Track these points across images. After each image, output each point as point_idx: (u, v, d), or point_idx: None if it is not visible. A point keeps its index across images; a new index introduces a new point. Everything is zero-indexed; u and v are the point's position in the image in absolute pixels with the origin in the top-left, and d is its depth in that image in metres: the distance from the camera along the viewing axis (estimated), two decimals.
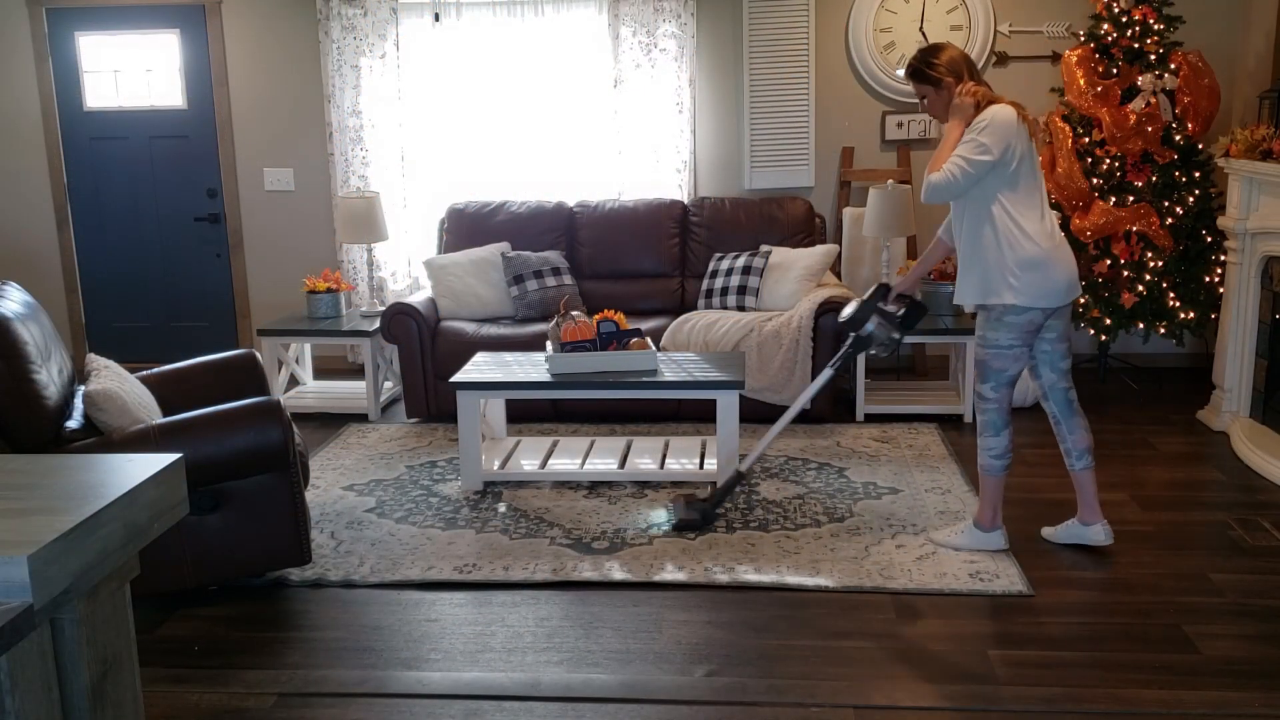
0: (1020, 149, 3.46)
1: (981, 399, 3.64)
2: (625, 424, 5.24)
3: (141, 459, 1.65)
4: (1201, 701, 2.79)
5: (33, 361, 3.19)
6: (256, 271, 6.54)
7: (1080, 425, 3.71)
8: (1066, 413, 3.70)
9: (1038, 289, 3.45)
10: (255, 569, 3.52)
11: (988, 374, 3.59)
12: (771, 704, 2.83)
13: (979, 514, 3.74)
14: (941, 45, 3.68)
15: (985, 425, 3.66)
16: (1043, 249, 3.45)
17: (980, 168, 3.42)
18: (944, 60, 3.59)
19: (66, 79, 6.39)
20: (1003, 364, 3.56)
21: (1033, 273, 3.44)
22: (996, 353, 3.56)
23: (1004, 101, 3.53)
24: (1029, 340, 3.55)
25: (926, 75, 3.60)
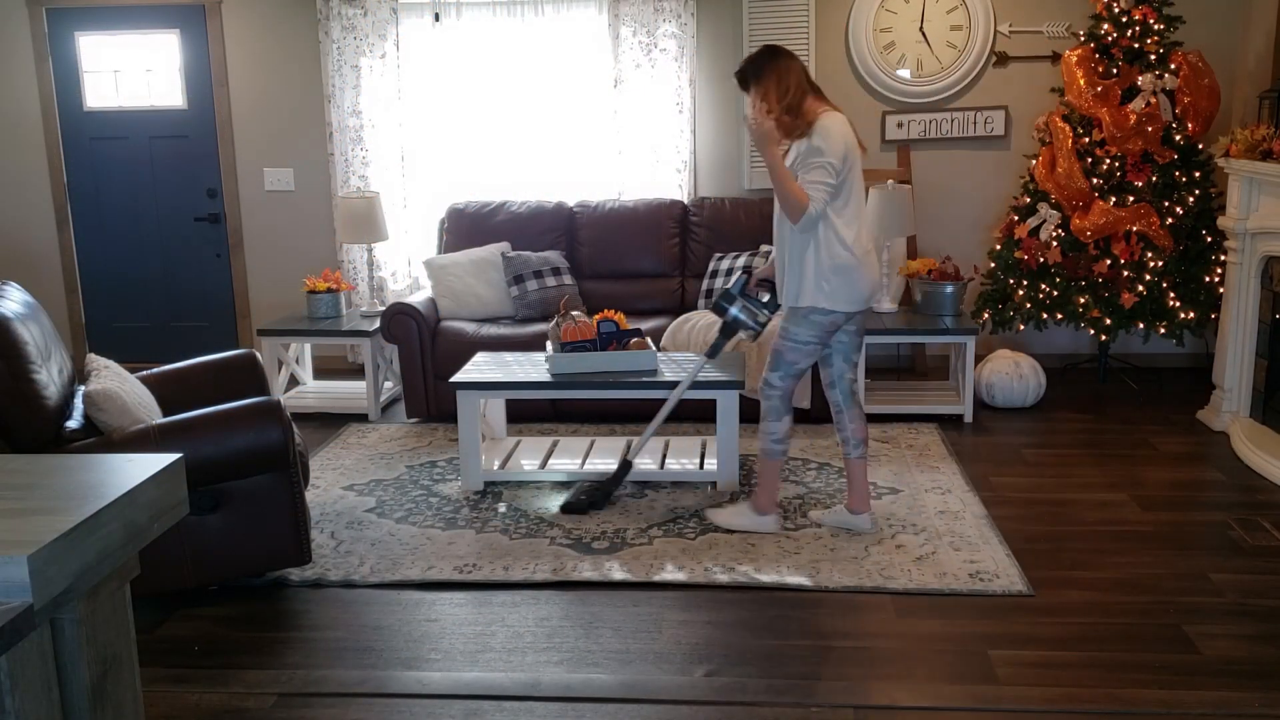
0: (851, 159, 3.58)
1: (768, 385, 3.79)
2: (625, 424, 5.24)
3: (141, 459, 1.65)
4: (1201, 701, 2.79)
5: (33, 361, 3.19)
6: (256, 271, 6.54)
7: (858, 415, 3.87)
8: (848, 403, 3.85)
9: (844, 295, 3.62)
10: (255, 569, 3.52)
11: (780, 364, 3.75)
12: (771, 704, 2.83)
13: (756, 498, 3.90)
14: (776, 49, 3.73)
15: (769, 411, 3.81)
16: (855, 257, 3.61)
17: (835, 185, 3.52)
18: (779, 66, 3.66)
19: (66, 79, 6.39)
20: (796, 358, 3.73)
21: (842, 278, 3.61)
22: (794, 346, 3.72)
23: (831, 108, 3.64)
24: (827, 339, 3.74)
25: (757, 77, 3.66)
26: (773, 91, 3.63)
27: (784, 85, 3.62)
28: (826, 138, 3.53)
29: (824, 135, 3.53)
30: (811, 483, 4.41)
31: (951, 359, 5.68)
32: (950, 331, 5.30)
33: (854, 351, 3.82)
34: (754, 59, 3.71)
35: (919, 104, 6.06)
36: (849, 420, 3.85)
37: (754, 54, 3.74)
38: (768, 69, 3.65)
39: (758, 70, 3.67)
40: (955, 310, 5.43)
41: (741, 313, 3.91)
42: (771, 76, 3.64)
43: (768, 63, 3.66)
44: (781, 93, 3.61)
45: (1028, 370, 5.42)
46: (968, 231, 6.15)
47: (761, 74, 3.66)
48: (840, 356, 3.81)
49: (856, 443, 3.86)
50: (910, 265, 5.62)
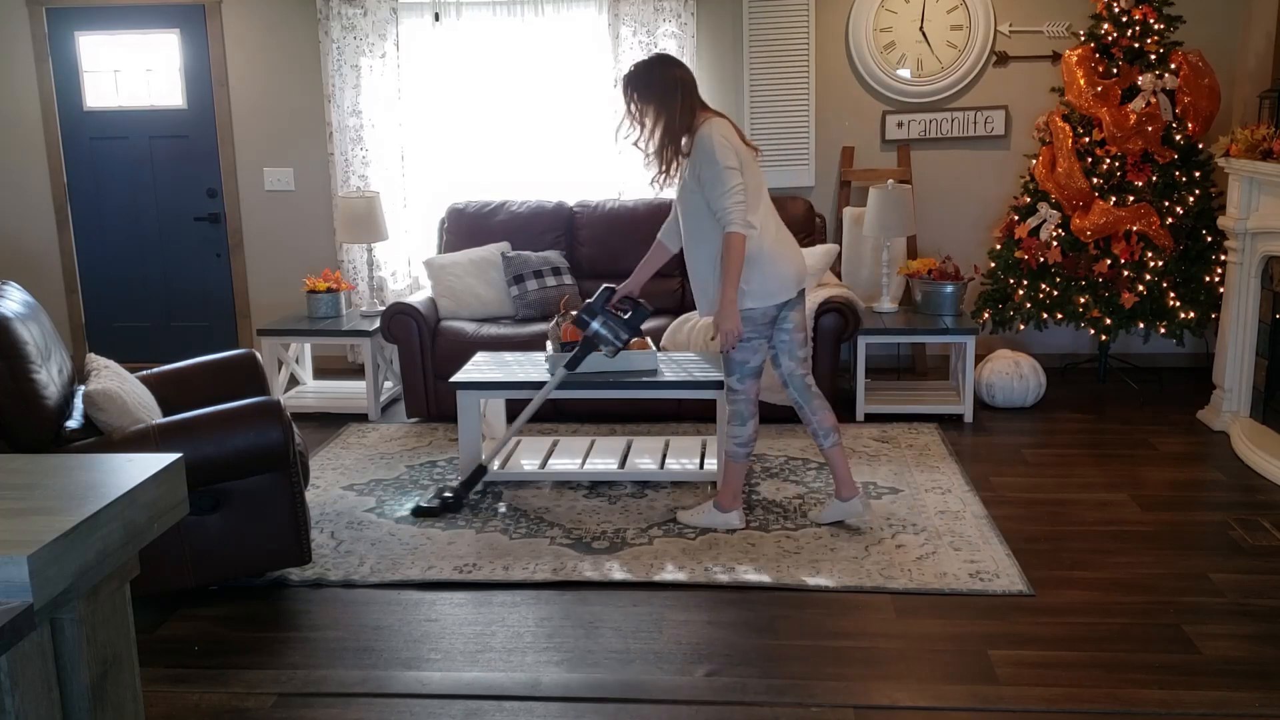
0: (741, 155, 3.57)
1: (731, 391, 3.83)
2: (625, 424, 5.24)
3: (141, 459, 1.65)
4: (1201, 701, 2.79)
5: (33, 361, 3.19)
6: (256, 271, 6.54)
7: (821, 406, 3.89)
8: (806, 397, 3.87)
9: (765, 287, 3.63)
10: (255, 569, 3.52)
11: (732, 367, 3.78)
12: (771, 704, 2.83)
13: (720, 495, 3.95)
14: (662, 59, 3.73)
15: (733, 415, 3.85)
16: (764, 246, 3.60)
17: (741, 189, 3.51)
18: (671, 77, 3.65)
19: (66, 79, 6.39)
20: (744, 356, 3.74)
21: (757, 271, 3.60)
22: (738, 346, 3.71)
23: (709, 113, 3.65)
24: (766, 332, 3.74)
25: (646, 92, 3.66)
26: (655, 113, 3.61)
27: (669, 106, 3.59)
28: (714, 145, 3.50)
29: (709, 144, 3.51)
30: (811, 482, 4.41)
31: (951, 359, 5.68)
32: (950, 331, 5.30)
33: (798, 348, 3.83)
34: (642, 73, 3.66)
35: (919, 104, 6.06)
36: (812, 414, 3.87)
37: (641, 67, 3.69)
38: (654, 87, 3.61)
39: (645, 87, 3.62)
40: (955, 310, 5.43)
41: (602, 328, 3.97)
42: (657, 97, 3.60)
43: (657, 80, 3.62)
44: (668, 115, 3.59)
45: (1028, 370, 5.42)
46: (968, 231, 6.15)
47: (650, 92, 3.61)
48: (785, 355, 3.83)
49: (826, 432, 3.87)
50: (910, 265, 5.62)
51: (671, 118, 3.60)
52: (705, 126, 3.58)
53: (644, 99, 3.63)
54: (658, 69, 3.67)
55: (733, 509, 3.93)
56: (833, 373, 5.12)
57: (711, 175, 3.52)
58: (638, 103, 3.65)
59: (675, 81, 3.63)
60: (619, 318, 3.99)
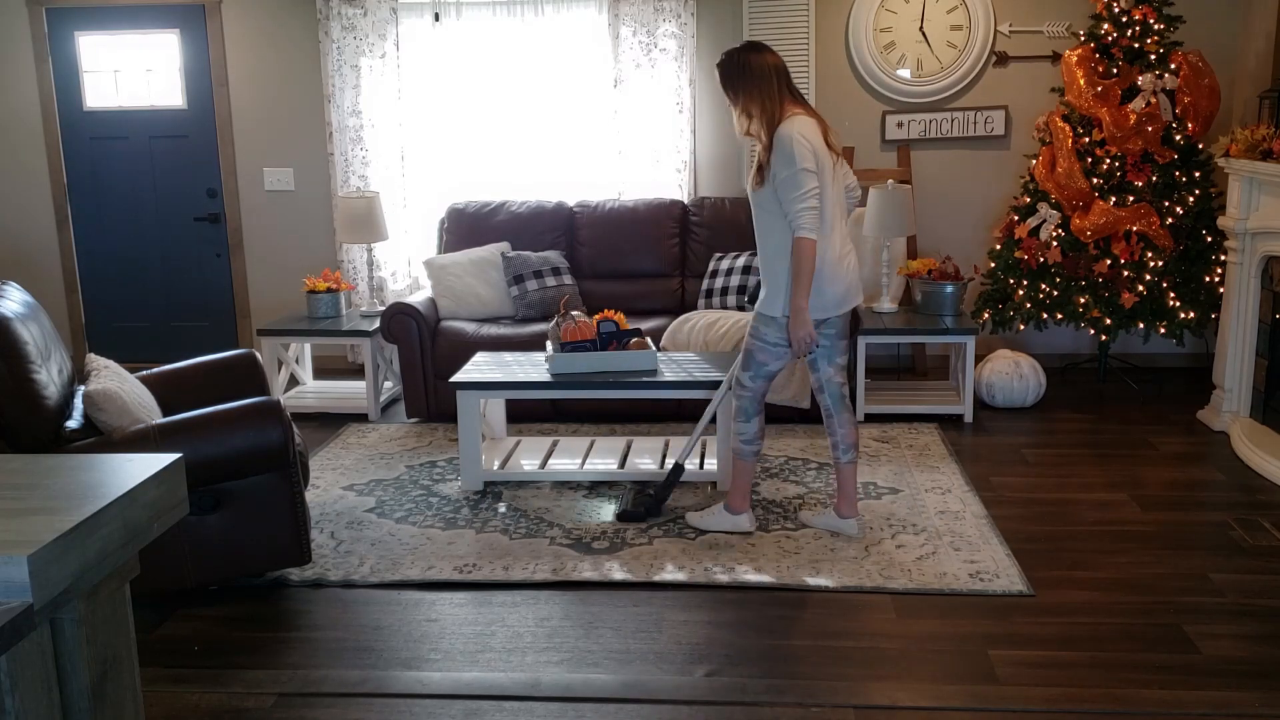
0: (821, 164, 3.51)
1: (740, 386, 3.79)
2: (625, 424, 5.24)
3: (141, 459, 1.65)
4: (1201, 701, 2.79)
5: (33, 361, 3.19)
6: (256, 271, 6.54)
7: (850, 420, 3.84)
8: (838, 407, 3.82)
9: (812, 303, 3.56)
10: (255, 569, 3.52)
11: (751, 364, 3.74)
12: (771, 704, 2.83)
13: (729, 497, 3.90)
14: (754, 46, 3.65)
15: (739, 411, 3.82)
16: (823, 265, 3.55)
17: (816, 194, 3.46)
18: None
19: (66, 79, 6.39)
20: (766, 358, 3.72)
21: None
22: (763, 346, 3.70)
23: (796, 108, 3.56)
24: (815, 341, 3.66)
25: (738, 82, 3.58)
26: (755, 103, 3.55)
27: (768, 93, 3.53)
28: (794, 146, 3.43)
29: (789, 144, 3.44)
30: (811, 483, 4.41)
31: (951, 359, 5.68)
32: (950, 331, 5.30)
33: (838, 355, 3.76)
34: (735, 61, 3.59)
35: (919, 104, 6.06)
36: (839, 425, 3.81)
37: (735, 53, 3.61)
38: (752, 76, 3.55)
39: (740, 78, 3.57)
40: (955, 310, 5.43)
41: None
42: (755, 84, 3.54)
43: (751, 67, 3.56)
44: (766, 104, 3.53)
45: (1028, 370, 5.42)
46: (968, 231, 6.15)
47: (744, 82, 3.56)
48: (824, 360, 3.76)
49: (847, 447, 3.82)
50: (910, 265, 5.62)
51: (771, 107, 3.52)
52: (788, 124, 3.47)
53: (745, 89, 3.55)
54: (751, 56, 3.57)
55: (743, 511, 3.88)
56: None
57: (787, 176, 3.44)
58: (740, 94, 3.56)
59: (770, 69, 3.55)
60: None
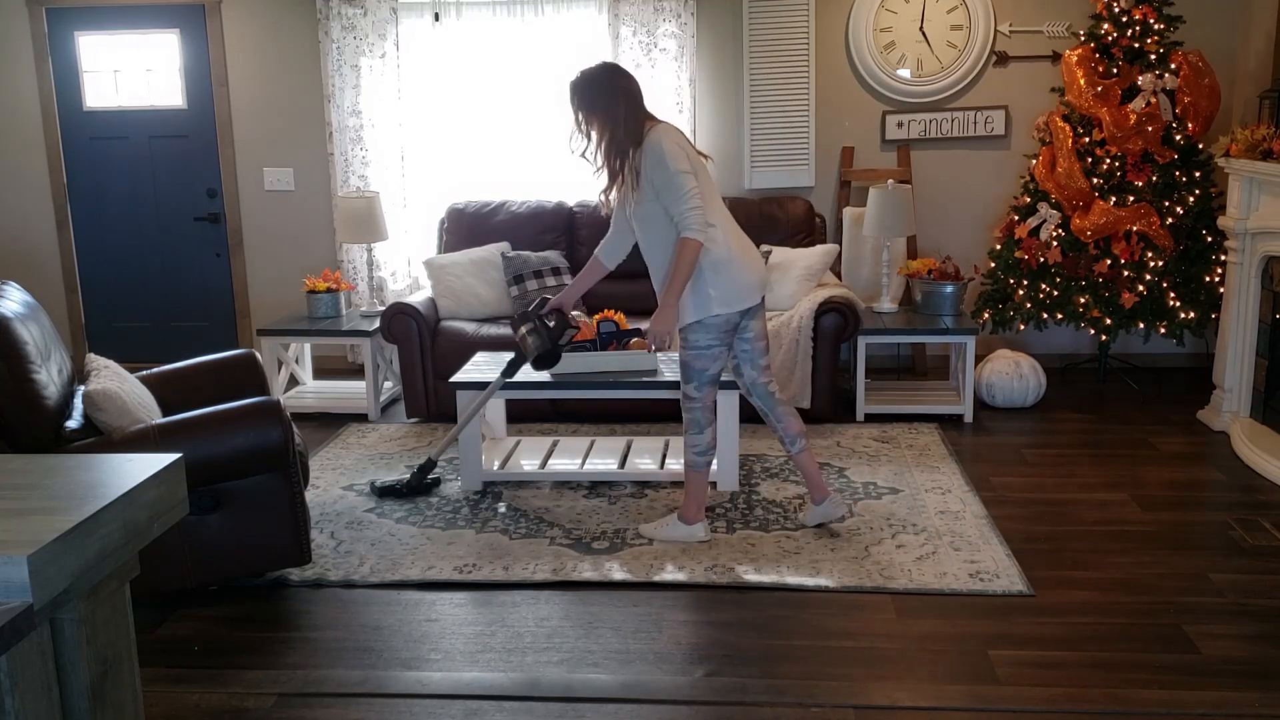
0: (694, 161, 3.56)
1: (687, 398, 3.77)
2: (625, 424, 5.24)
3: (141, 459, 1.65)
4: (1201, 701, 2.79)
5: (33, 361, 3.19)
6: (256, 271, 6.54)
7: (786, 413, 3.85)
8: (771, 404, 3.84)
9: (731, 293, 3.59)
10: (255, 569, 3.52)
11: (691, 374, 3.73)
12: (771, 704, 2.83)
13: (684, 508, 3.87)
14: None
15: (690, 423, 3.79)
16: (729, 252, 3.58)
17: (697, 193, 3.48)
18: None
19: (66, 79, 6.39)
20: (704, 364, 3.70)
21: (723, 274, 3.58)
22: (698, 353, 3.69)
23: (656, 122, 3.61)
24: (727, 340, 3.70)
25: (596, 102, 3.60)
26: (600, 123, 3.57)
27: (613, 115, 3.54)
28: (664, 151, 3.47)
29: (659, 150, 3.47)
30: None
31: (951, 359, 5.68)
32: (950, 331, 5.30)
33: (759, 356, 3.80)
34: (589, 81, 3.61)
35: (919, 104, 6.06)
36: (778, 420, 3.84)
37: (586, 75, 3.63)
38: (601, 96, 3.56)
39: (589, 97, 3.58)
40: (955, 310, 5.43)
41: (530, 335, 3.97)
42: (602, 106, 3.56)
43: (603, 88, 3.57)
44: (612, 125, 3.54)
45: (1028, 370, 5.42)
46: (968, 231, 6.15)
47: (595, 102, 3.57)
48: (747, 364, 3.80)
49: (793, 438, 3.84)
50: (910, 265, 5.62)
51: (616, 128, 3.54)
52: (653, 134, 3.53)
53: (589, 109, 3.59)
54: (603, 79, 3.61)
55: (697, 521, 3.85)
56: (833, 373, 5.12)
57: (665, 180, 3.48)
58: (583, 113, 3.60)
59: (620, 91, 3.58)
60: (547, 327, 3.98)
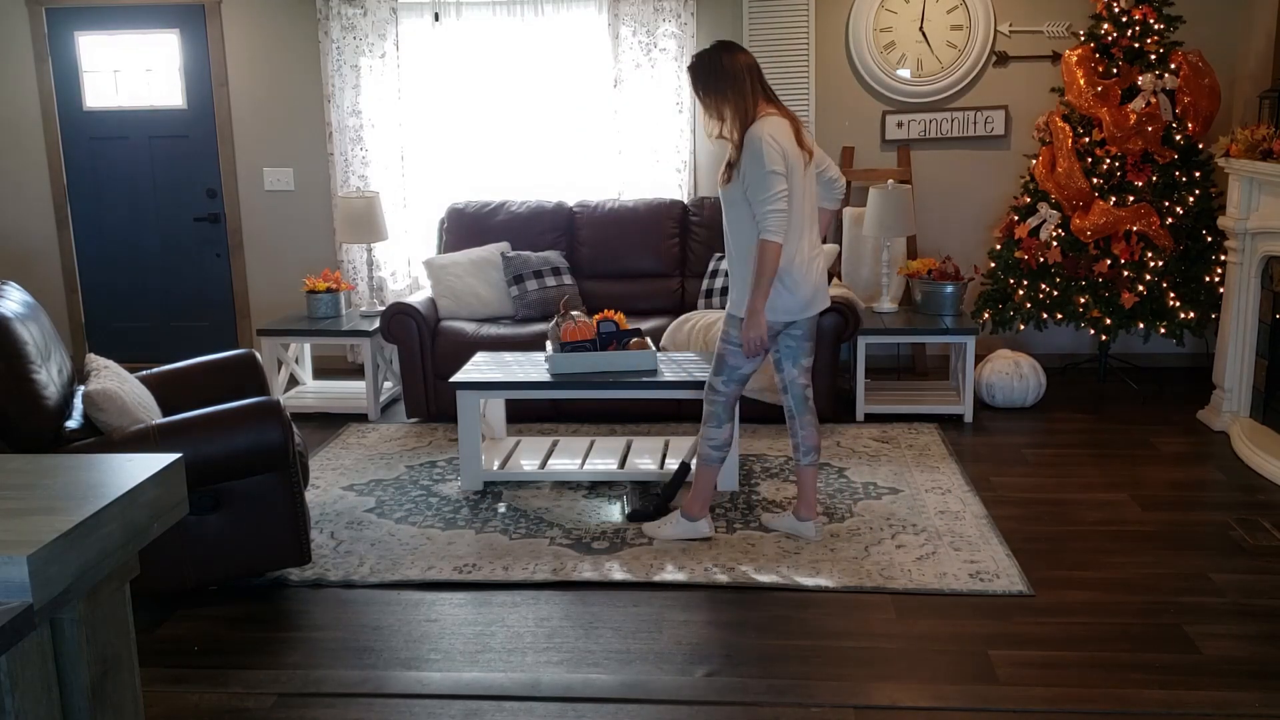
0: (791, 165, 3.48)
1: (713, 390, 3.77)
2: (625, 424, 5.24)
3: (141, 459, 1.65)
4: (1201, 701, 2.79)
5: (33, 361, 3.19)
6: (256, 271, 6.54)
7: (811, 423, 3.83)
8: (802, 409, 3.81)
9: (780, 305, 3.58)
10: (255, 569, 3.52)
11: (723, 368, 3.73)
12: (771, 704, 2.82)
13: (688, 503, 3.85)
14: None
15: (710, 416, 3.79)
16: (792, 263, 3.54)
17: (784, 196, 3.45)
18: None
19: (66, 79, 6.39)
20: (738, 361, 3.69)
21: (777, 284, 3.54)
22: (734, 350, 3.69)
23: (770, 107, 3.53)
24: (769, 344, 3.66)
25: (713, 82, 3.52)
26: (728, 105, 3.50)
27: (741, 93, 3.48)
28: (763, 147, 3.41)
29: (759, 145, 3.41)
30: None
31: (952, 359, 5.68)
32: (950, 331, 5.30)
33: (803, 356, 3.75)
34: (708, 62, 3.53)
35: (919, 104, 6.06)
36: (801, 427, 3.80)
37: (708, 54, 3.55)
38: (725, 77, 3.49)
39: (712, 79, 3.51)
40: (955, 310, 5.43)
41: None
42: (728, 85, 3.49)
43: (724, 68, 3.50)
44: (739, 104, 3.49)
45: (1028, 370, 5.42)
46: (968, 231, 6.15)
47: (717, 83, 3.51)
48: (789, 362, 3.76)
49: (808, 450, 3.80)
50: (910, 265, 5.62)
51: (745, 108, 3.48)
52: (760, 124, 3.45)
53: (719, 93, 3.51)
54: (720, 59, 3.52)
55: (701, 517, 3.84)
56: (833, 373, 5.12)
57: (756, 177, 3.42)
58: (713, 96, 3.51)
59: (743, 69, 3.50)
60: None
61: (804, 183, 3.56)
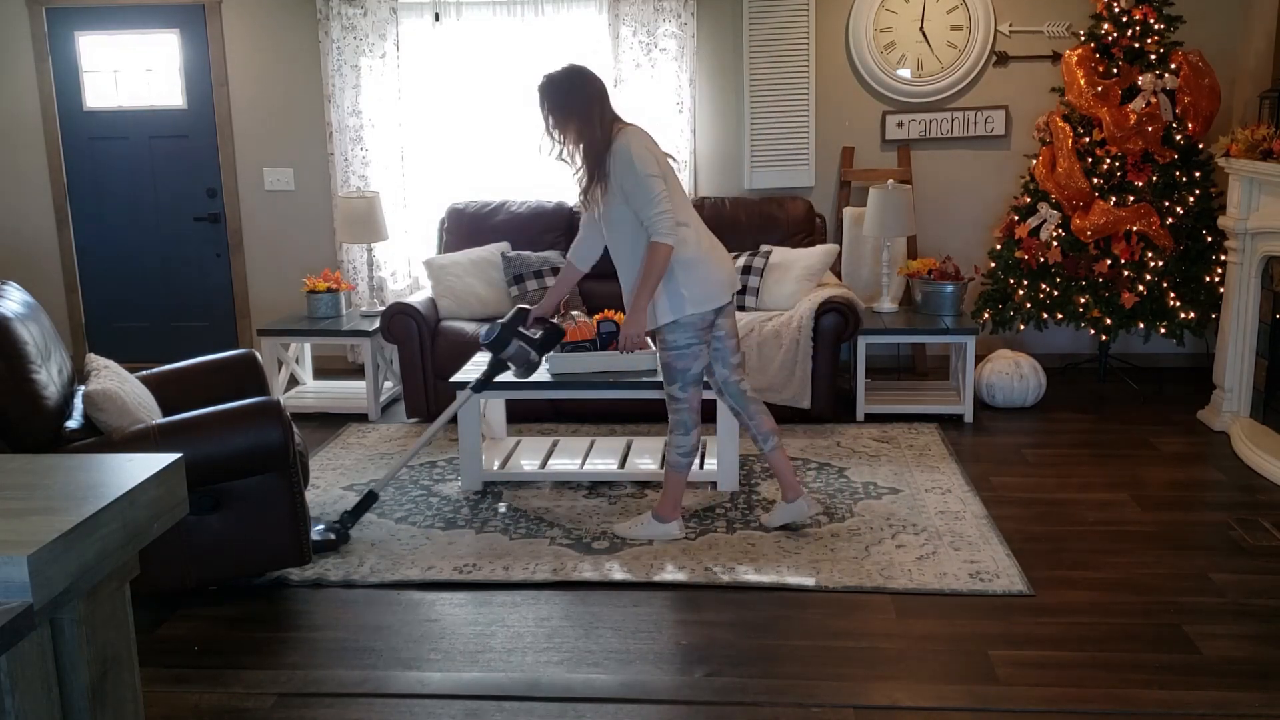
0: (662, 164, 3.55)
1: (673, 399, 3.76)
2: (625, 424, 5.24)
3: (141, 459, 1.65)
4: (1201, 701, 2.79)
5: (33, 361, 3.19)
6: (256, 271, 6.54)
7: (758, 411, 3.86)
8: (743, 403, 3.86)
9: (703, 291, 3.59)
10: (255, 569, 3.52)
11: (674, 375, 3.72)
12: (771, 704, 2.82)
13: (660, 505, 3.89)
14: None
15: (676, 424, 3.79)
16: (700, 251, 3.59)
17: (666, 198, 3.47)
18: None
19: (66, 79, 6.39)
20: (685, 363, 3.69)
21: (694, 274, 3.57)
22: (678, 354, 3.69)
23: (623, 124, 3.59)
24: (704, 338, 3.70)
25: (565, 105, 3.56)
26: (576, 129, 3.54)
27: (592, 116, 3.52)
28: (633, 155, 3.46)
29: (628, 154, 3.46)
30: (812, 482, 4.41)
31: (952, 359, 5.68)
32: (950, 331, 5.30)
33: (731, 354, 3.80)
34: (557, 86, 3.57)
35: (919, 104, 6.06)
36: (750, 419, 3.86)
37: (555, 77, 3.59)
38: (572, 102, 3.53)
39: (562, 102, 3.54)
40: (955, 310, 5.43)
41: (516, 351, 3.93)
42: (578, 111, 3.52)
43: (573, 94, 3.53)
44: (588, 129, 3.52)
45: (1028, 370, 5.42)
46: (968, 231, 6.15)
47: (569, 107, 3.53)
48: (719, 364, 3.81)
49: (766, 436, 3.85)
50: (910, 265, 5.62)
51: (593, 130, 3.53)
52: (621, 137, 3.52)
53: (565, 113, 3.55)
54: (574, 81, 3.57)
55: (673, 519, 3.86)
56: (833, 373, 5.12)
57: (634, 185, 3.47)
58: (556, 116, 3.57)
59: (593, 94, 3.56)
60: (531, 339, 3.95)
61: (677, 181, 3.65)
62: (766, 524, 3.95)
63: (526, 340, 3.96)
